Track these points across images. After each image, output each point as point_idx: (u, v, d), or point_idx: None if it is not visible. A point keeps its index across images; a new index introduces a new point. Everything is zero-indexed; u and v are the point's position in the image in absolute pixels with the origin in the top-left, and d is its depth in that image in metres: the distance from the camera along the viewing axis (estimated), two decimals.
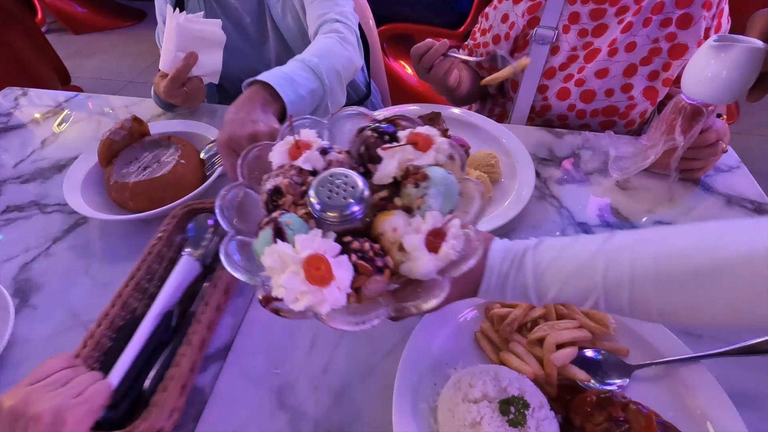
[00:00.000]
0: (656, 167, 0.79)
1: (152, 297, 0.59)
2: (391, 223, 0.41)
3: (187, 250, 0.65)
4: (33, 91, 1.15)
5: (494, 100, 1.19)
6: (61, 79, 2.26)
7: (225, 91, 1.11)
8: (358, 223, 0.43)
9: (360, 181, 0.43)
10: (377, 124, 0.47)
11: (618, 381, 0.53)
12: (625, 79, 0.94)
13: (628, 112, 0.96)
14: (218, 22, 0.92)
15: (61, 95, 1.13)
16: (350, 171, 0.44)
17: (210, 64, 0.93)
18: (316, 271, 0.37)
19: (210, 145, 0.86)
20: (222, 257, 0.42)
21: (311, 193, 0.43)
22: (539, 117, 1.04)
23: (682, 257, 0.38)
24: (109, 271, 0.72)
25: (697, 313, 0.38)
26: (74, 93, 1.14)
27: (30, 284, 0.71)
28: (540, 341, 0.56)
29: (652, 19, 0.88)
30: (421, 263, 0.39)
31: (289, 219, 0.41)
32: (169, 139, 0.85)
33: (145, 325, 0.56)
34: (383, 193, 0.44)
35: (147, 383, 0.53)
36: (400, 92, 1.88)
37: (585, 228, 0.75)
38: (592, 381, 0.53)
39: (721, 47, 0.63)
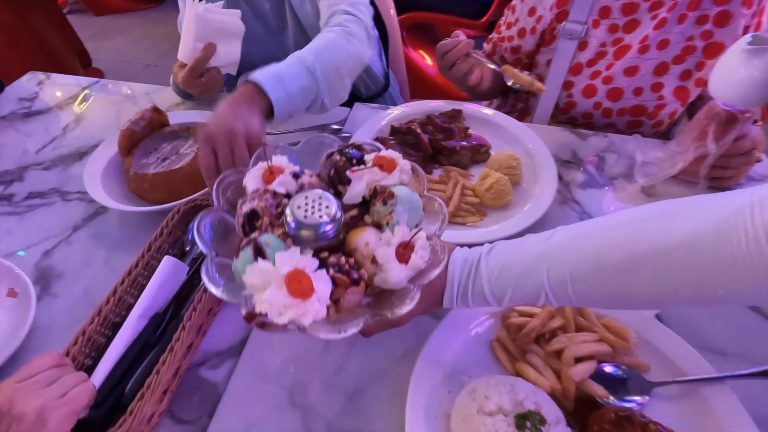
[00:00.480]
0: (684, 174, 0.77)
1: None
2: (364, 239, 0.45)
3: (187, 249, 0.65)
4: (55, 76, 1.16)
5: (516, 96, 1.16)
6: (83, 62, 2.28)
7: (241, 76, 1.10)
8: (333, 240, 0.46)
9: (333, 201, 0.46)
10: (345, 149, 0.52)
11: (638, 398, 0.52)
12: (656, 77, 0.90)
13: (656, 112, 0.93)
14: (237, 12, 0.90)
15: (83, 81, 1.13)
16: (323, 192, 0.47)
17: (228, 55, 0.92)
18: (298, 285, 0.40)
19: None
20: (204, 279, 0.44)
21: (288, 212, 0.46)
22: (563, 114, 1.01)
23: (617, 250, 0.43)
24: (128, 261, 0.72)
25: (635, 298, 0.44)
26: (95, 79, 1.15)
27: (51, 272, 0.72)
28: (558, 353, 0.54)
29: (687, 16, 0.84)
30: (394, 273, 0.43)
31: (267, 239, 0.44)
32: (188, 130, 0.85)
33: (127, 327, 0.56)
34: (354, 212, 0.48)
35: (128, 388, 0.53)
36: (419, 83, 1.85)
37: None
38: (611, 397, 0.51)
39: (756, 49, 0.60)
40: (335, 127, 0.95)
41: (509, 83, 0.86)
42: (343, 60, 0.80)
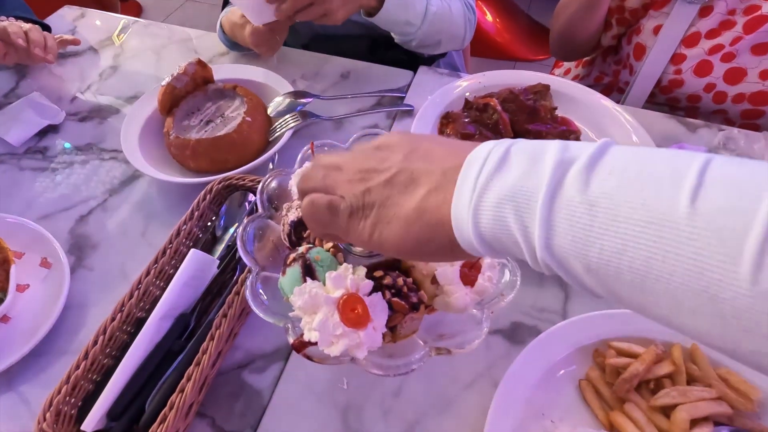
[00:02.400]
0: None
1: None
2: None
3: (219, 234, 0.58)
4: (91, 13, 1.06)
5: (603, 66, 1.00)
6: None
7: (294, 31, 0.98)
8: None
9: None
10: None
11: None
12: None
13: None
14: None
15: (120, 20, 1.03)
16: None
17: None
18: (352, 312, 0.36)
19: (280, 99, 0.75)
20: (248, 298, 0.40)
21: None
22: (663, 94, 0.86)
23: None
24: (167, 234, 0.66)
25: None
26: (133, 18, 1.04)
27: (86, 242, 0.66)
28: (664, 409, 0.45)
29: None
30: (457, 297, 0.39)
31: (318, 254, 0.40)
32: (235, 89, 0.75)
33: (148, 330, 0.49)
34: None
35: (149, 402, 0.47)
36: (478, 43, 1.67)
37: None
38: None
39: None
40: (395, 95, 0.83)
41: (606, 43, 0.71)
42: (447, 29, 0.86)
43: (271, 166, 0.68)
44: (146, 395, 0.48)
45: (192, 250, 0.53)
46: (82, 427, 0.46)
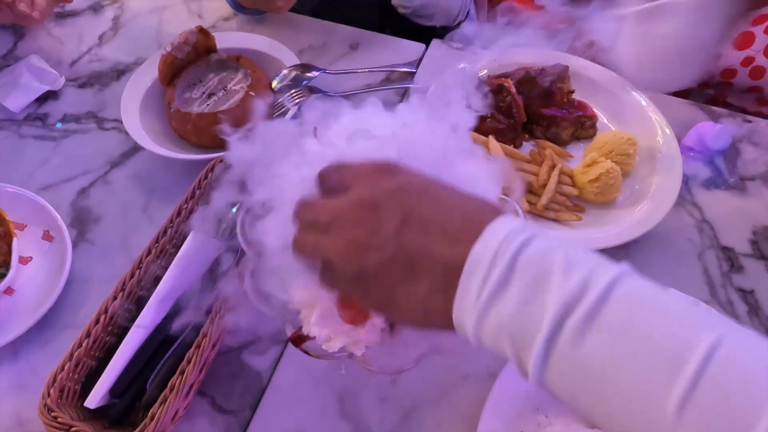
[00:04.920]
0: None
1: None
2: None
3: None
4: None
5: None
6: None
7: None
8: None
9: None
10: None
11: None
12: None
13: None
14: None
15: None
16: None
17: None
18: (352, 308, 0.35)
19: (285, 72, 0.72)
20: (248, 289, 0.40)
21: None
22: None
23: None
24: (168, 211, 0.65)
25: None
26: None
27: (88, 215, 0.66)
28: None
29: None
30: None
31: None
32: (238, 60, 0.72)
33: (149, 311, 0.50)
34: None
35: (150, 381, 0.48)
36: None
37: (730, 255, 0.60)
38: None
39: None
40: (405, 69, 0.80)
41: None
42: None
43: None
44: (148, 374, 0.49)
45: (192, 233, 0.53)
46: (85, 404, 0.47)
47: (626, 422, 0.23)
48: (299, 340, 0.38)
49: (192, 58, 0.71)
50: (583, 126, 0.68)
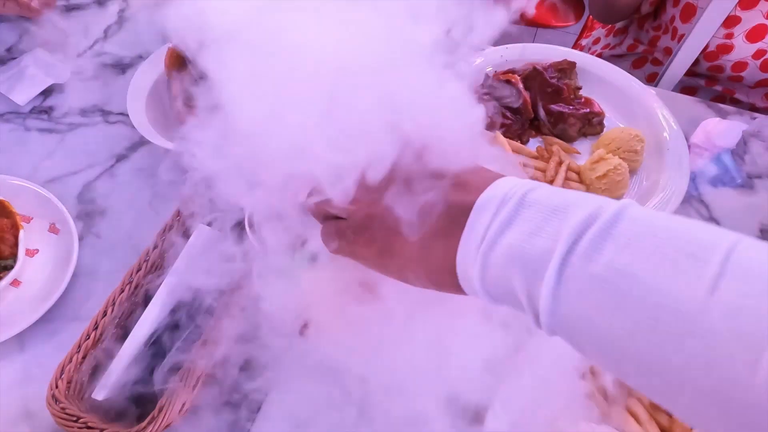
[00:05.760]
0: None
1: None
2: None
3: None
4: None
5: (638, 33, 0.92)
6: None
7: None
8: None
9: None
10: None
11: None
12: None
13: None
14: None
15: None
16: None
17: None
18: None
19: None
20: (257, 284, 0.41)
21: None
22: (708, 60, 0.79)
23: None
24: (174, 204, 0.65)
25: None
26: None
27: (94, 208, 0.66)
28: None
29: None
30: None
31: None
32: None
33: (155, 304, 0.50)
34: None
35: (157, 377, 0.48)
36: None
37: None
38: None
39: None
40: None
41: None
42: None
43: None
44: (155, 366, 0.49)
45: (200, 226, 0.53)
46: (93, 395, 0.47)
47: (649, 328, 0.20)
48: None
49: None
50: (591, 122, 0.68)
